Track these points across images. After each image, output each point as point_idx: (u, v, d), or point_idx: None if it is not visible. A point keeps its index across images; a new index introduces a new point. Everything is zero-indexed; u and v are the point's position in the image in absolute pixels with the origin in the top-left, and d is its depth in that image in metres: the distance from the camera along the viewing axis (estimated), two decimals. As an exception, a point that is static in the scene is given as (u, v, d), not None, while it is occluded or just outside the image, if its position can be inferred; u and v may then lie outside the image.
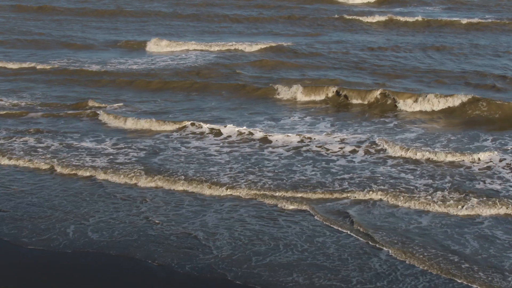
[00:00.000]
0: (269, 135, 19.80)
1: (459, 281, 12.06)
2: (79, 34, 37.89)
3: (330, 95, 23.76)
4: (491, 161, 17.44)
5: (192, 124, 20.88)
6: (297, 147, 19.00)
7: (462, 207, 14.87)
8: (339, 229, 14.11)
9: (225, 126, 20.50)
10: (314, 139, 19.46)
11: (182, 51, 32.62)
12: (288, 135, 19.73)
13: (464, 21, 37.81)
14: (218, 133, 20.27)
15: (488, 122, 21.11)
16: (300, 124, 21.25)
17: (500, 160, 17.52)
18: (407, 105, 22.22)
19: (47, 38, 36.75)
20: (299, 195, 15.73)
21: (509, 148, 18.44)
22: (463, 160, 17.50)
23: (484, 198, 15.25)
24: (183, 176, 16.96)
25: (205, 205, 15.60)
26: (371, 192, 15.64)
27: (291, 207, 15.21)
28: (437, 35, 35.05)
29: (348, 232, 13.93)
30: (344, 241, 13.60)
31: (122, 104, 23.82)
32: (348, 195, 15.63)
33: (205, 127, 20.64)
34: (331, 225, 14.29)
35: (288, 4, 46.63)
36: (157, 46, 33.16)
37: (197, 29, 38.84)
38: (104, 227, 14.46)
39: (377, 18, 39.53)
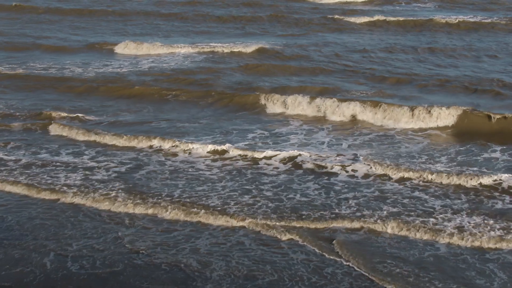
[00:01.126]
0: (263, 149, 18.15)
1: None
2: (59, 35, 35.77)
3: (325, 105, 21.61)
4: (506, 176, 16.03)
5: (173, 141, 18.81)
6: (295, 161, 17.38)
7: (485, 233, 13.41)
8: (349, 261, 12.57)
9: (215, 144, 18.50)
10: (312, 152, 17.92)
11: (168, 53, 30.60)
12: (284, 149, 18.18)
13: (460, 20, 36.49)
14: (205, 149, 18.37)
15: (494, 134, 19.59)
16: (295, 135, 19.68)
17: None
18: (408, 115, 20.48)
19: (22, 39, 34.54)
20: (302, 224, 13.97)
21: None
22: (476, 176, 16.02)
23: (507, 223, 13.81)
24: (168, 198, 15.27)
25: (197, 229, 14.02)
26: (381, 215, 14.13)
27: (293, 236, 13.55)
28: (431, 35, 33.67)
29: (360, 268, 12.40)
30: (356, 273, 12.09)
31: (98, 113, 22.01)
32: (356, 220, 14.02)
33: (188, 145, 18.54)
34: (340, 258, 12.72)
35: (275, 2, 44.90)
36: (138, 49, 31.21)
37: (182, 29, 36.95)
38: (86, 255, 12.85)
39: (368, 18, 38.00)
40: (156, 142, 18.86)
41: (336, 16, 38.78)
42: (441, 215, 14.12)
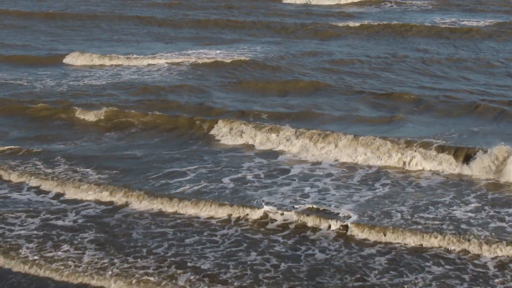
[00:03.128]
0: (257, 188, 15.25)
1: None
2: (39, 44, 32.23)
3: (328, 142, 17.80)
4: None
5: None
6: (301, 206, 14.29)
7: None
8: None
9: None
10: (314, 190, 15.08)
11: (140, 65, 27.18)
12: (279, 189, 15.15)
13: (463, 25, 34.53)
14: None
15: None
16: (293, 168, 16.77)
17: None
18: (428, 155, 16.98)
19: None
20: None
21: None
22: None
23: None
24: (150, 257, 12.21)
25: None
26: (424, 279, 11.36)
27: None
28: (427, 40, 31.28)
29: None
30: None
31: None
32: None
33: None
34: None
35: (256, 4, 42.22)
36: (100, 59, 28.01)
37: (159, 35, 33.74)
38: None
39: (360, 22, 35.67)
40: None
41: (331, 23, 36.05)
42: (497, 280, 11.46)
